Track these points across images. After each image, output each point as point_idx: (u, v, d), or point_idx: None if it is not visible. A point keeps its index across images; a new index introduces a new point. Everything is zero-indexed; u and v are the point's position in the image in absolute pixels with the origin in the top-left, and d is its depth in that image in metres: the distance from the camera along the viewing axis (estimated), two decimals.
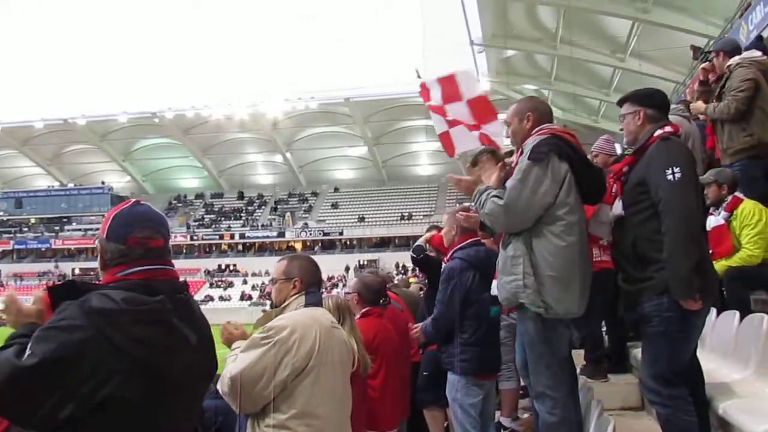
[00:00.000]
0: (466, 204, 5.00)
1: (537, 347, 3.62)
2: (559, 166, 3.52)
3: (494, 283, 4.05)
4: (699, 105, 6.56)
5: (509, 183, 3.59)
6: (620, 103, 3.93)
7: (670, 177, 3.40)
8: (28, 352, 1.82)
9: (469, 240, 4.79)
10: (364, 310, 4.92)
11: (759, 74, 5.96)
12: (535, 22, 31.87)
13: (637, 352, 5.65)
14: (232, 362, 3.07)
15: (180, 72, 69.06)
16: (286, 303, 3.31)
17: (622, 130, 3.89)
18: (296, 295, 3.30)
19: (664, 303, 3.41)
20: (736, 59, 6.18)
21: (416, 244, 6.20)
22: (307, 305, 3.25)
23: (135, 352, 1.89)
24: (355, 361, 3.69)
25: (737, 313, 4.55)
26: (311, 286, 3.37)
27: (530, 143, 3.68)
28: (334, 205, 65.50)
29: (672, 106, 6.83)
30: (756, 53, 6.40)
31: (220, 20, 68.25)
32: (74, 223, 66.73)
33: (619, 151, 6.92)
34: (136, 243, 2.15)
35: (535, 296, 3.50)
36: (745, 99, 5.86)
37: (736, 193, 5.45)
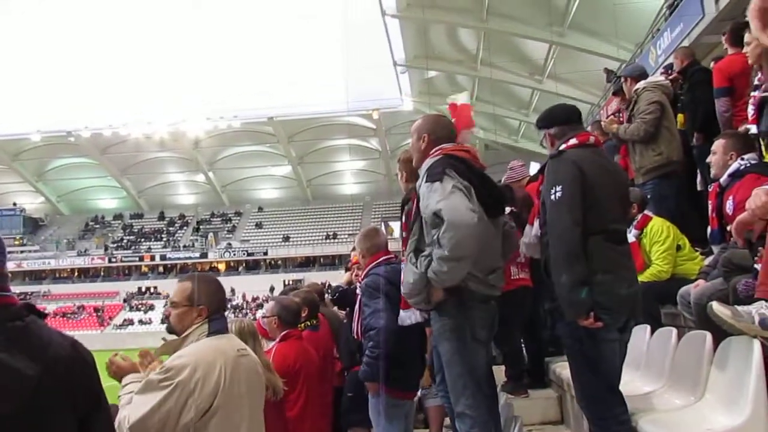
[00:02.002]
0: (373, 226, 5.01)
1: (454, 367, 3.62)
2: (459, 180, 3.51)
3: (402, 313, 4.07)
4: (612, 125, 6.85)
5: (436, 206, 3.43)
6: (536, 127, 4.04)
7: (552, 197, 3.43)
8: None
9: (383, 257, 4.74)
10: (283, 333, 4.82)
11: (664, 97, 6.37)
12: (456, 44, 32.59)
13: (555, 367, 5.80)
14: (127, 403, 2.81)
15: (96, 89, 66.96)
16: (189, 332, 3.04)
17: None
18: (200, 323, 3.04)
19: (573, 323, 3.40)
20: (642, 84, 6.56)
21: (338, 287, 6.14)
22: (210, 334, 3.01)
23: None
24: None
25: (648, 327, 4.71)
26: (216, 312, 3.10)
27: (425, 167, 3.72)
28: (258, 225, 64.77)
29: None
30: (660, 78, 6.78)
31: (138, 37, 66.79)
32: None
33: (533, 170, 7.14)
34: None
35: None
36: (653, 120, 6.22)
37: (646, 212, 5.69)
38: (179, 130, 56.46)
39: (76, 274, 61.96)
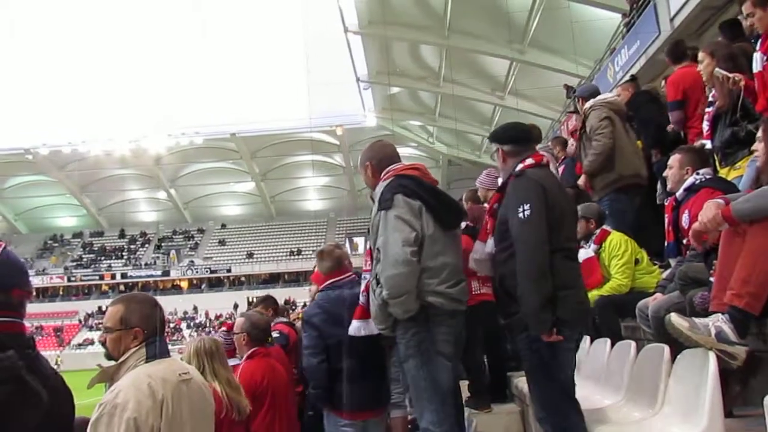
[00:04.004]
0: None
1: (419, 382, 3.63)
2: (412, 203, 3.60)
3: (354, 323, 4.02)
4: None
5: (378, 242, 3.64)
6: (489, 140, 4.08)
7: (520, 215, 3.47)
8: None
9: (329, 281, 4.64)
10: (250, 351, 4.80)
11: (612, 113, 6.54)
12: (418, 60, 32.85)
13: (518, 382, 5.80)
14: None
15: (55, 106, 66.01)
16: (125, 357, 2.85)
17: None
18: (136, 347, 2.86)
19: (531, 336, 3.47)
20: (590, 103, 6.72)
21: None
22: (149, 359, 2.85)
23: None
24: (223, 407, 3.54)
25: (608, 341, 4.75)
26: (153, 334, 2.90)
27: (378, 192, 3.79)
28: (222, 242, 64.16)
29: (541, 145, 7.25)
30: (608, 95, 6.98)
31: (97, 52, 66.06)
32: None
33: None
34: (19, 296, 2.04)
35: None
36: (609, 133, 6.38)
37: (604, 227, 5.77)
38: (140, 147, 55.79)
39: (34, 293, 60.52)
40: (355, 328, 4.01)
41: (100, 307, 57.71)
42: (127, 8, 63.07)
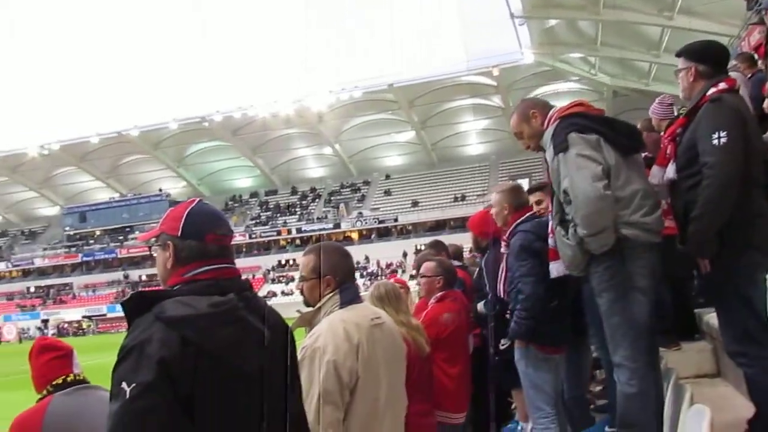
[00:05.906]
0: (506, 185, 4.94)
1: (613, 317, 3.54)
2: (588, 137, 3.47)
3: (552, 266, 4.00)
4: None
5: (564, 184, 3.52)
6: (678, 55, 3.82)
7: (715, 141, 3.31)
8: (126, 386, 1.78)
9: (528, 213, 4.67)
10: (441, 293, 4.96)
11: None
12: None
13: (708, 318, 5.50)
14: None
15: (224, 74, 70.01)
16: (321, 303, 3.08)
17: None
18: (330, 294, 3.07)
19: (726, 264, 3.38)
20: None
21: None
22: (342, 304, 3.05)
23: (217, 353, 1.89)
24: (409, 346, 3.66)
25: None
26: (344, 281, 3.12)
27: (547, 138, 3.67)
28: (387, 192, 65.63)
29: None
30: None
31: (258, 19, 68.86)
32: (137, 232, 68.71)
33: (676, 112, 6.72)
34: (214, 240, 2.14)
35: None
36: None
37: None
38: (303, 106, 57.90)
39: (232, 236, 65.22)
40: (553, 269, 4.01)
41: (279, 261, 61.40)
42: None
